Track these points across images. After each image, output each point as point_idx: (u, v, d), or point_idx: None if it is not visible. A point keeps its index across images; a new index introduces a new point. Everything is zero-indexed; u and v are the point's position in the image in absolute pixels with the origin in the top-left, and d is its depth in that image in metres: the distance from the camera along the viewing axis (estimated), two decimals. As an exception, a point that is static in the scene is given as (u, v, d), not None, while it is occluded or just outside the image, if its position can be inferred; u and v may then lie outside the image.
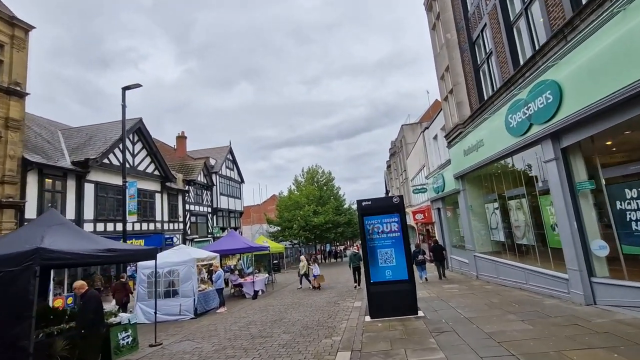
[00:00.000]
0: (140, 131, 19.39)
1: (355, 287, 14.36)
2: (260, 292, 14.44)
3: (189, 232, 24.29)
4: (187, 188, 24.58)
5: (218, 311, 11.09)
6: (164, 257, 11.15)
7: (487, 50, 10.43)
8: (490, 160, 10.26)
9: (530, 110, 7.58)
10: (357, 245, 20.85)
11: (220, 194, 30.28)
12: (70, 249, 5.54)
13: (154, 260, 11.09)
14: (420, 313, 7.88)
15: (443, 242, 17.97)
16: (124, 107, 14.61)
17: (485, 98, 10.59)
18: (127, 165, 18.38)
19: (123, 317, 7.04)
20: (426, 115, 33.62)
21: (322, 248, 44.62)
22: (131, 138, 18.91)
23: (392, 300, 7.86)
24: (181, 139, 30.78)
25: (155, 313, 7.91)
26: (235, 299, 14.04)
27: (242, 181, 36.06)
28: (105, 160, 16.85)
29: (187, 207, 24.58)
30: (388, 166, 45.58)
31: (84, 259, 5.81)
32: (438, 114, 16.84)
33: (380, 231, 8.24)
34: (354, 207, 37.06)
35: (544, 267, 8.56)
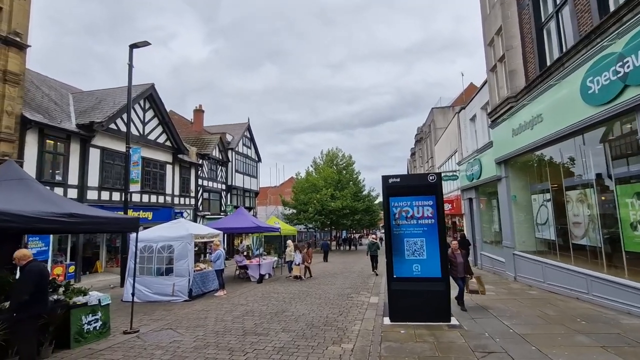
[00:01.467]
0: (152, 98, 18.30)
1: (375, 273, 14.82)
2: (266, 276, 13.23)
3: (200, 208, 23.42)
4: (200, 162, 23.58)
5: (216, 294, 9.92)
6: (158, 230, 10.02)
7: (558, 1, 8.33)
8: (549, 140, 8.32)
9: (628, 67, 5.64)
10: (374, 236, 19.33)
11: (236, 171, 29.24)
12: (8, 210, 4.28)
13: (148, 233, 10.06)
14: (454, 320, 6.31)
15: (472, 236, 16.15)
16: (130, 66, 13.44)
17: (549, 63, 8.57)
18: (137, 133, 17.45)
19: (92, 296, 5.85)
20: (459, 100, 31.05)
21: (338, 235, 43.32)
22: (142, 104, 17.85)
23: (419, 301, 6.31)
24: (198, 112, 29.74)
25: (133, 294, 6.72)
26: (239, 281, 12.89)
27: (259, 160, 34.90)
28: (113, 126, 15.87)
29: (200, 182, 23.64)
30: (412, 154, 43.24)
31: (31, 223, 4.57)
32: (479, 91, 14.74)
33: (409, 216, 6.63)
34: (374, 193, 35.32)
35: (616, 275, 6.73)
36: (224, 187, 27.45)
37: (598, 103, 6.47)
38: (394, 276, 6.55)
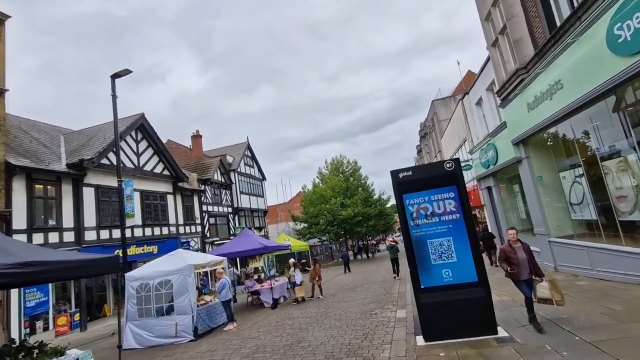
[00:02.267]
0: (143, 128, 17.77)
1: (395, 277, 15.17)
2: (281, 299, 12.22)
3: (207, 234, 22.62)
4: (202, 188, 22.91)
5: (226, 329, 8.95)
6: (154, 265, 9.16)
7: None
8: (575, 107, 7.30)
9: (669, -1, 4.68)
10: (392, 239, 18.26)
11: (241, 192, 28.52)
12: None
13: (143, 270, 9.20)
14: (502, 331, 5.24)
15: (497, 227, 14.97)
16: (114, 97, 12.86)
17: (559, 22, 7.63)
18: (132, 166, 16.85)
19: (69, 356, 4.95)
20: (459, 89, 30.10)
21: (354, 243, 41.94)
22: (134, 136, 17.32)
23: (455, 313, 5.28)
24: (196, 138, 29.31)
25: (120, 347, 5.79)
26: (252, 309, 11.90)
27: (264, 178, 34.20)
28: (105, 161, 15.29)
29: (204, 208, 22.93)
30: (419, 151, 42.18)
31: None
32: (481, 72, 13.79)
33: (428, 213, 5.66)
34: (385, 196, 34.18)
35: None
36: (230, 210, 26.69)
37: (632, 51, 5.49)
38: (422, 287, 5.54)
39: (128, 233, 16.07)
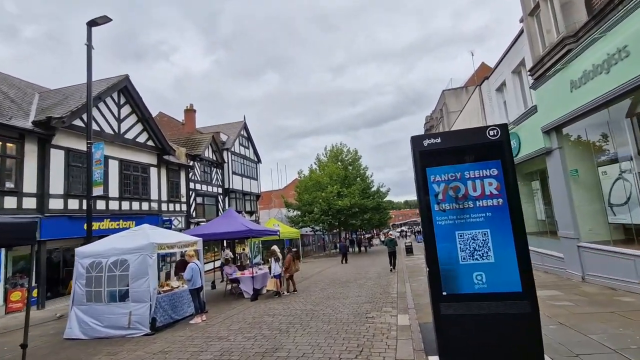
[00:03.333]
0: (127, 91, 16.08)
1: (391, 270, 15.51)
2: (263, 291, 10.80)
3: (193, 214, 21.15)
4: (191, 163, 21.33)
5: (192, 321, 7.53)
6: (112, 241, 7.66)
7: None
8: (643, 81, 5.80)
9: None
10: (390, 233, 16.96)
11: (233, 173, 26.97)
12: None
13: (98, 245, 7.71)
14: (551, 363, 3.81)
15: (508, 228, 13.55)
16: (89, 47, 11.21)
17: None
18: (110, 132, 15.23)
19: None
20: (471, 81, 28.50)
21: (347, 236, 40.53)
22: (115, 99, 15.64)
23: (487, 332, 3.86)
24: (189, 112, 27.57)
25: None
26: (229, 299, 10.49)
27: (259, 161, 32.63)
28: (79, 123, 13.66)
29: (192, 185, 21.40)
30: (422, 145, 40.66)
31: None
32: (505, 55, 12.20)
33: (460, 195, 4.18)
34: (383, 190, 32.68)
35: None
36: (220, 190, 25.17)
37: None
38: (443, 293, 4.08)
39: (102, 205, 14.59)
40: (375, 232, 63.30)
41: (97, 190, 10.86)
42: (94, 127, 14.21)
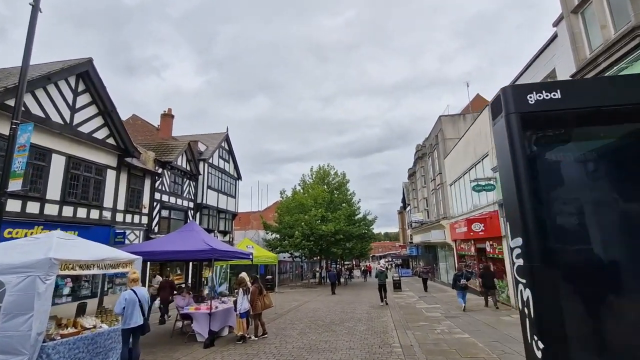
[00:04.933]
0: (88, 78, 13.73)
1: (382, 304, 14.96)
2: (225, 331, 8.20)
3: (155, 229, 18.30)
4: (159, 171, 18.74)
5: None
6: (-7, 252, 5.09)
7: None
8: None
9: None
10: (380, 265, 14.91)
11: (209, 187, 24.36)
12: None
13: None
14: None
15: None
16: (34, 7, 9.00)
17: None
18: (59, 120, 12.68)
19: None
20: (466, 111, 27.63)
21: (327, 265, 37.64)
22: (71, 84, 13.24)
23: None
24: (166, 117, 25.23)
25: None
26: (176, 342, 7.84)
27: (239, 177, 30.17)
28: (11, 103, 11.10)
29: (157, 196, 18.69)
30: (410, 174, 39.39)
31: None
32: (527, 68, 10.80)
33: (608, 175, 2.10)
34: (370, 217, 30.55)
35: None
36: (191, 205, 22.44)
37: None
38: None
39: (34, 208, 11.78)
40: (354, 262, 60.56)
41: (14, 184, 8.24)
42: (38, 112, 11.73)
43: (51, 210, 12.33)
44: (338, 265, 42.77)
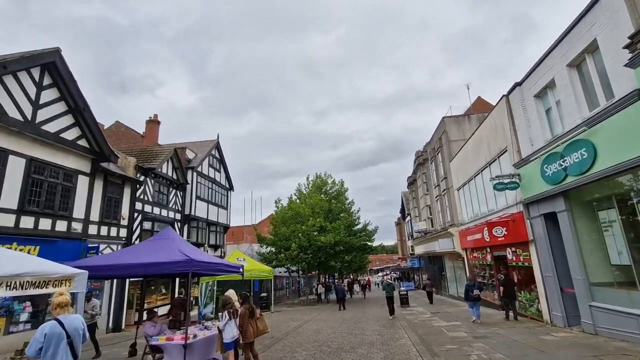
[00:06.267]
0: (55, 70, 12.11)
1: (391, 317, 14.74)
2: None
3: (136, 242, 16.37)
4: (141, 178, 16.98)
5: None
6: None
7: None
8: None
9: None
10: (388, 277, 13.37)
11: (197, 197, 22.57)
12: None
13: None
14: None
15: (556, 275, 10.06)
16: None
17: None
18: (19, 117, 10.96)
19: None
20: (468, 113, 26.44)
21: (325, 280, 35.52)
22: (35, 77, 11.60)
23: None
24: (152, 124, 23.61)
25: None
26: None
27: (231, 188, 28.45)
28: (-37, 96, 9.43)
29: (139, 206, 16.88)
30: (410, 183, 37.90)
31: None
32: (557, 44, 9.45)
33: None
34: (370, 227, 28.74)
35: None
36: (178, 216, 20.59)
37: None
38: None
39: (-17, 218, 9.91)
40: (354, 277, 58.26)
41: None
42: (-9, 106, 10.03)
43: (5, 220, 10.51)
44: (345, 279, 40.58)
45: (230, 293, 6.38)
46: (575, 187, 8.76)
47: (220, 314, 6.06)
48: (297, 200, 27.68)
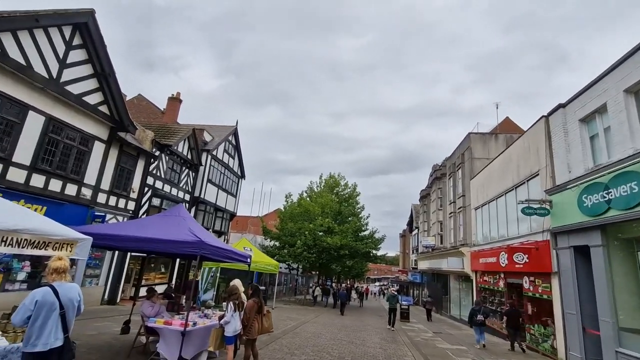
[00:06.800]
0: (86, 30, 11.89)
1: (389, 328, 14.78)
2: (204, 358, 5.93)
3: (144, 217, 16.13)
4: (157, 153, 16.74)
5: None
6: None
7: None
8: None
9: None
10: (392, 289, 12.98)
11: (209, 181, 22.30)
12: None
13: None
14: None
15: (580, 312, 9.36)
16: None
17: None
18: (44, 72, 10.74)
19: None
20: (493, 131, 25.63)
21: (322, 282, 34.90)
22: (65, 35, 11.39)
23: None
24: (174, 101, 23.46)
25: None
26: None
27: (243, 176, 28.17)
28: (-8, 43, 9.22)
29: (150, 181, 16.64)
30: (423, 196, 37.11)
31: None
32: (614, 69, 8.78)
33: None
34: (378, 235, 28.12)
35: None
36: (187, 197, 20.33)
37: None
38: None
39: (-6, 170, 9.69)
40: (351, 283, 57.51)
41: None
42: (18, 57, 9.82)
43: (16, 176, 10.27)
44: (342, 284, 40.02)
45: (237, 283, 5.92)
46: (617, 222, 8.08)
47: (224, 303, 5.60)
48: (308, 198, 27.22)
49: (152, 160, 16.44)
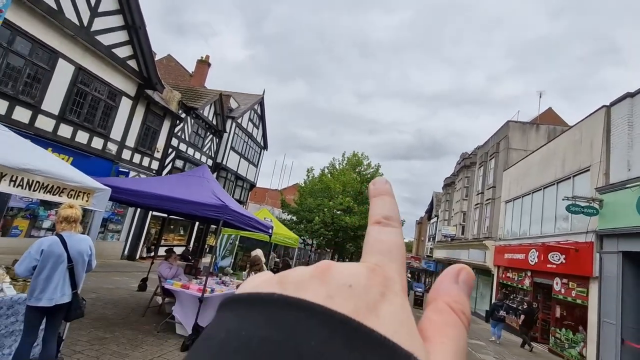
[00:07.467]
0: (120, -20, 11.39)
1: None
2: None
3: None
4: (182, 115, 16.49)
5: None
6: None
7: None
8: None
9: None
10: (407, 275, 12.38)
11: (232, 148, 22.09)
12: None
13: None
14: None
15: (620, 322, 8.61)
16: None
17: None
18: (75, 20, 10.38)
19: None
20: (534, 121, 23.93)
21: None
22: (98, -19, 10.92)
23: None
24: (203, 64, 22.98)
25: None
26: (145, 325, 5.41)
27: (265, 147, 27.88)
28: (24, -17, 8.86)
29: (174, 142, 16.50)
30: (447, 184, 35.87)
31: None
32: None
33: None
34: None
35: None
36: (210, 162, 20.22)
37: None
38: None
39: (23, 115, 9.60)
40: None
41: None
42: (49, 1, 9.46)
43: (45, 124, 10.18)
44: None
45: (258, 253, 5.56)
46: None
47: (244, 272, 5.24)
48: (329, 175, 26.72)
49: (177, 122, 16.23)
